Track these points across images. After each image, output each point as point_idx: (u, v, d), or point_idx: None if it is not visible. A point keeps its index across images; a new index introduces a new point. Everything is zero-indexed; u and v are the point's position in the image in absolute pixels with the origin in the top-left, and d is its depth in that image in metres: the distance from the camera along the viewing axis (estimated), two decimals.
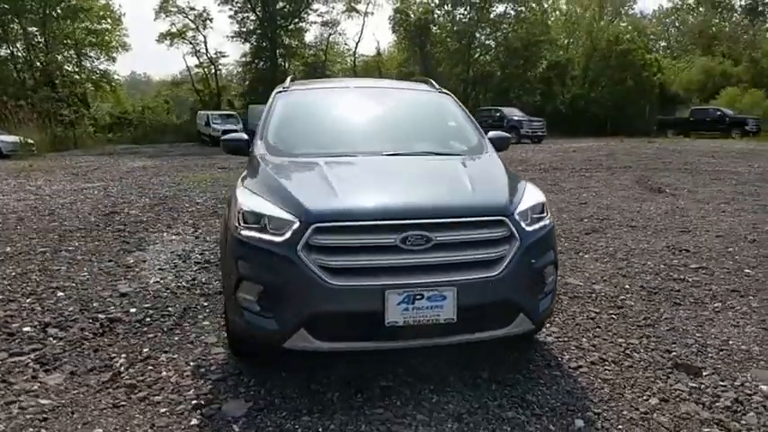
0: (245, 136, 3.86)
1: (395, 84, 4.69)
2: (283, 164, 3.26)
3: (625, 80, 33.93)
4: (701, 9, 48.03)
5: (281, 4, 43.11)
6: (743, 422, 2.62)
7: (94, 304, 4.36)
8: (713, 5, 47.63)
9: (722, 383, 2.97)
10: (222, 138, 3.97)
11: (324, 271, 2.49)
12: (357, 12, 43.18)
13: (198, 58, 42.58)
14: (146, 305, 4.31)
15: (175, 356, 3.39)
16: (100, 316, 4.06)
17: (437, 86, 4.55)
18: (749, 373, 3.08)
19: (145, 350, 3.49)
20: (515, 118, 27.87)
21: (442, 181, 3.09)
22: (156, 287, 4.79)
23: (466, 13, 42.94)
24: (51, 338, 3.70)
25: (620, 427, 2.58)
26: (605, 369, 3.15)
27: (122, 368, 3.24)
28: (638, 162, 15.04)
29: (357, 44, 50.68)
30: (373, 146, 3.63)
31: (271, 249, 2.59)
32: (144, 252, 6.06)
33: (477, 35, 42.99)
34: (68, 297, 4.51)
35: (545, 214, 2.94)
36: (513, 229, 2.69)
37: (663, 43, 48.55)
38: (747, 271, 4.92)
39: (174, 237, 6.80)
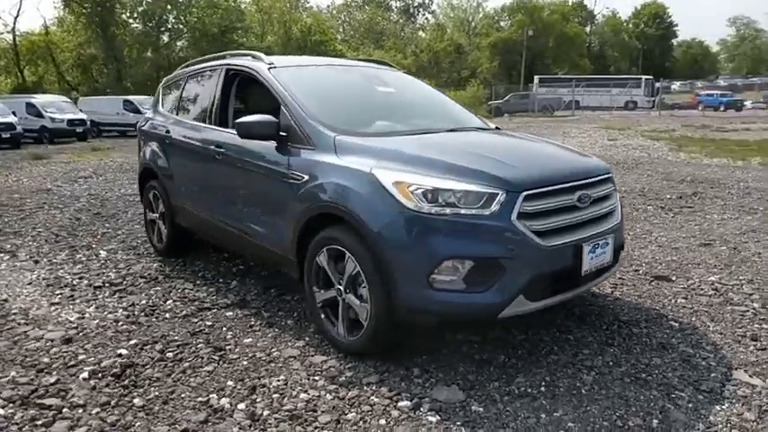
0: (275, 118, 3.36)
1: (368, 64, 4.59)
2: (392, 141, 3.08)
3: None
4: (367, 7, 55.17)
5: None
6: (738, 297, 3.82)
7: (44, 359, 3.20)
8: (377, 5, 55.36)
9: (691, 283, 4.16)
10: (239, 121, 3.36)
11: (537, 235, 2.64)
12: None
13: None
14: (131, 342, 3.38)
15: (283, 377, 2.90)
16: (89, 368, 3.03)
17: (395, 66, 4.68)
18: (693, 274, 4.36)
19: (229, 383, 2.86)
20: None
21: (557, 150, 3.46)
22: (96, 322, 3.72)
23: None
24: (67, 409, 2.68)
25: (703, 319, 3.47)
26: (626, 289, 4.03)
27: (244, 406, 2.64)
28: None
29: (16, 19, 41.49)
30: (424, 123, 3.70)
31: (482, 222, 2.58)
32: None
33: (166, 18, 40.34)
34: None
35: None
36: (613, 183, 3.29)
37: (339, 36, 54.08)
38: None
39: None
